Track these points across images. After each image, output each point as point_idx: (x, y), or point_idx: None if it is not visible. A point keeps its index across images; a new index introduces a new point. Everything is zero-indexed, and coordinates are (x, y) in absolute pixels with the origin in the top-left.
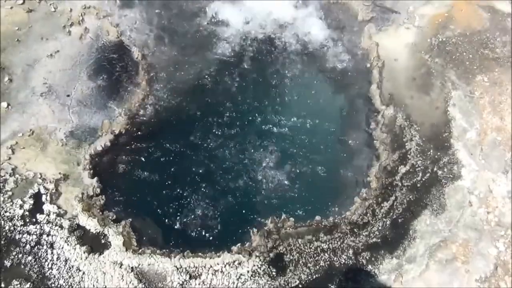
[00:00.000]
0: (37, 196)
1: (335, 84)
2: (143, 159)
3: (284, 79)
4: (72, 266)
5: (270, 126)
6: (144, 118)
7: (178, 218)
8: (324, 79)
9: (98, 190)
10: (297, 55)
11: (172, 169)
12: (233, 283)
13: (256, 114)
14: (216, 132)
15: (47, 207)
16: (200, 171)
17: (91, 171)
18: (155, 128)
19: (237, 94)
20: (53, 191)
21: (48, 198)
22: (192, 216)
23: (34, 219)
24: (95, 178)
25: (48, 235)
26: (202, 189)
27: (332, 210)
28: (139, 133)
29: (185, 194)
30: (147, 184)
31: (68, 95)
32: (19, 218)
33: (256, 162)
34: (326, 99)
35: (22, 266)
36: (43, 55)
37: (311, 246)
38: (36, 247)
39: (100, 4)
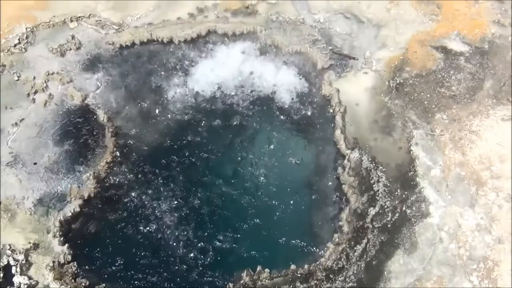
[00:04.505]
0: (6, 269)
1: (300, 132)
2: (114, 221)
3: (249, 131)
4: None
5: (238, 177)
6: (113, 181)
7: (152, 280)
8: (288, 128)
9: (70, 257)
10: (260, 106)
11: (143, 231)
12: None
13: (224, 166)
14: (186, 189)
15: (17, 279)
16: (171, 230)
17: (62, 238)
18: (125, 190)
19: (204, 149)
20: (23, 261)
21: (18, 269)
22: (167, 277)
23: None
24: (66, 245)
25: None
26: (176, 247)
27: (306, 258)
28: (109, 195)
29: (158, 255)
30: (120, 248)
31: (35, 163)
32: None
33: (226, 213)
34: (292, 148)
35: None
36: (8, 124)
37: None
38: None
39: (64, 70)
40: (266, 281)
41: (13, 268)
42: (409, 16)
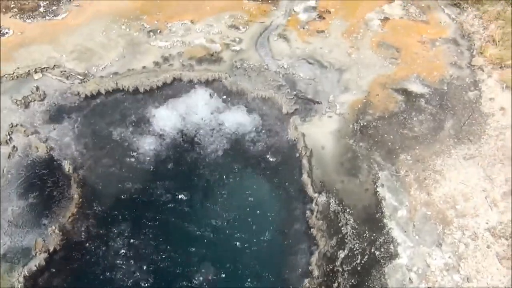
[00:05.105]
0: None
1: (267, 177)
2: (80, 275)
3: (216, 178)
4: None
5: (205, 224)
6: (80, 232)
7: None
8: (255, 173)
9: None
10: (226, 153)
11: (110, 284)
12: None
13: (192, 214)
14: (156, 240)
15: None
16: (141, 284)
17: None
18: (91, 241)
19: (172, 198)
20: None
21: None
22: None
23: None
24: None
25: None
26: None
27: None
28: (75, 248)
29: None
30: None
31: None
32: None
33: (194, 266)
34: (260, 194)
35: None
36: None
37: None
38: None
39: (28, 121)
40: None
41: None
42: (369, 60)
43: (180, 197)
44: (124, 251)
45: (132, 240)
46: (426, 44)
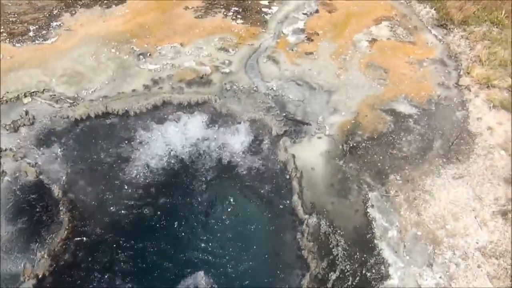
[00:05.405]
0: None
1: (258, 200)
2: None
3: (205, 202)
4: None
5: (195, 247)
6: (69, 258)
7: None
8: (245, 195)
9: None
10: (216, 175)
11: None
12: None
13: (184, 243)
14: (141, 267)
15: None
16: None
17: None
18: (81, 267)
19: (164, 222)
20: None
21: None
22: None
23: None
24: None
25: None
26: None
27: None
28: (65, 274)
29: None
30: None
31: None
32: None
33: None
34: (250, 216)
35: None
36: None
37: None
38: None
39: (17, 146)
40: None
41: None
42: (358, 81)
43: (170, 221)
44: (115, 276)
45: (123, 265)
46: (414, 64)
